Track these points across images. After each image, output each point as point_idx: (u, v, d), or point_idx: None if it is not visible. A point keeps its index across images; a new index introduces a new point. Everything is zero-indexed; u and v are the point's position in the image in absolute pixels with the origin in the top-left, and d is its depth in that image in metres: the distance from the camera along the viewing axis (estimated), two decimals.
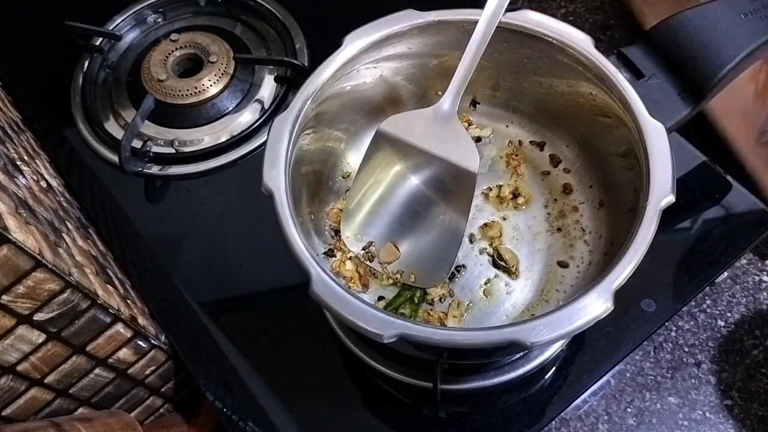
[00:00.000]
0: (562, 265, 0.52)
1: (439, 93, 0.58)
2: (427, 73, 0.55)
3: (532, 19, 0.49)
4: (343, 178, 0.57)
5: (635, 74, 0.47)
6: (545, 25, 0.49)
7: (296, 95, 0.47)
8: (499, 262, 0.53)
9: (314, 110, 0.49)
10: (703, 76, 0.47)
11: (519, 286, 0.52)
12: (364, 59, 0.50)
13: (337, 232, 0.54)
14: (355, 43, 0.49)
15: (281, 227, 0.42)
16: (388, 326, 0.38)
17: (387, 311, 0.41)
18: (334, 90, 0.50)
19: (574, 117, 0.54)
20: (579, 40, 0.48)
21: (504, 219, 0.55)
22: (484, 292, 0.53)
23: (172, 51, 0.71)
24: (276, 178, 0.44)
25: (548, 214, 0.55)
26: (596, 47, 0.48)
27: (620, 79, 0.46)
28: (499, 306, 0.52)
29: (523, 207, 0.56)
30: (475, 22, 0.47)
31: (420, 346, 0.41)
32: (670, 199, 0.41)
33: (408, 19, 0.50)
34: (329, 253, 0.53)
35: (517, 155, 0.58)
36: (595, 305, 0.38)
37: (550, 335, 0.37)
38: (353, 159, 0.57)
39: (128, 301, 0.53)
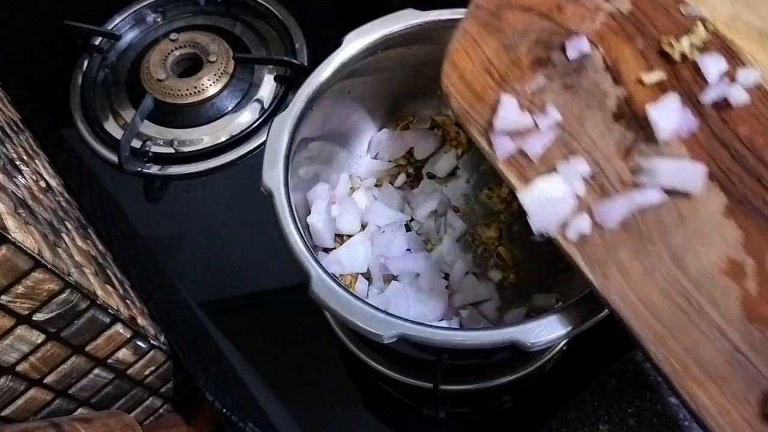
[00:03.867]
0: (563, 265, 0.52)
1: (439, 93, 0.58)
2: (427, 73, 0.55)
3: None
4: None
5: None
6: None
7: (296, 95, 0.47)
8: (499, 262, 0.53)
9: (314, 110, 0.49)
10: None
11: (519, 286, 0.52)
12: (364, 59, 0.50)
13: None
14: (354, 43, 0.49)
15: (281, 227, 0.42)
16: (388, 326, 0.38)
17: (387, 311, 0.41)
18: (334, 90, 0.50)
19: None
20: None
21: (504, 219, 0.55)
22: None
23: (172, 50, 0.70)
24: (276, 178, 0.44)
25: None
26: None
27: None
28: (499, 306, 0.52)
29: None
30: None
31: (420, 346, 0.41)
32: None
33: (408, 18, 0.50)
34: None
35: None
36: (596, 305, 0.38)
37: (551, 335, 0.37)
38: (353, 159, 0.57)
39: (127, 301, 0.53)
